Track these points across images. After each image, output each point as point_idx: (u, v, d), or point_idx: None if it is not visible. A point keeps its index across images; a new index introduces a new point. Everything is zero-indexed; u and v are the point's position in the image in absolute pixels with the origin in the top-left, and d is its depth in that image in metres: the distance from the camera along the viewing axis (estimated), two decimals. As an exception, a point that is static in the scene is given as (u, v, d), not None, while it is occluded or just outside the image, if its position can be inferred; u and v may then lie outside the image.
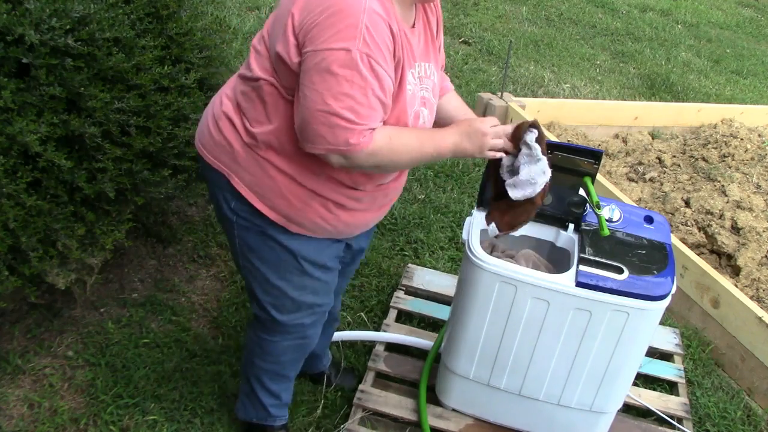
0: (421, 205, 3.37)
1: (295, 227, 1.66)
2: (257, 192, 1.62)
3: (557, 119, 4.26)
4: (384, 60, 1.43)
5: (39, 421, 2.10)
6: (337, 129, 1.42)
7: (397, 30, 1.47)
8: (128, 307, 2.52)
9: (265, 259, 1.72)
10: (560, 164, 1.89)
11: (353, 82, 1.40)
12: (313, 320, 1.89)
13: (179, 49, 2.24)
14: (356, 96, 1.41)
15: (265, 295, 1.79)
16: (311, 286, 1.79)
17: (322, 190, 1.61)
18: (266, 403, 2.04)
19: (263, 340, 1.90)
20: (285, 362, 1.97)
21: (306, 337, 1.92)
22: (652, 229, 2.02)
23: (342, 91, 1.40)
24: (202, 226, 2.96)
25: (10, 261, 1.88)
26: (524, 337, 1.97)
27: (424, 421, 2.20)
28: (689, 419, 2.43)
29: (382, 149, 1.49)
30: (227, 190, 1.65)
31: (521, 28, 6.08)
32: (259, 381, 2.00)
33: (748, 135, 4.26)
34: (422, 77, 1.63)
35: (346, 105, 1.40)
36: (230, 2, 5.21)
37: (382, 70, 1.43)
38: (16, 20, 1.74)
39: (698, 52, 6.39)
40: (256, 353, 1.94)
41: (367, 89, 1.41)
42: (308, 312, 1.85)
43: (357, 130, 1.43)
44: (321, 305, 1.87)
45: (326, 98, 1.40)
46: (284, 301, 1.79)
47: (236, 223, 1.69)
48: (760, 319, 2.61)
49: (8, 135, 1.76)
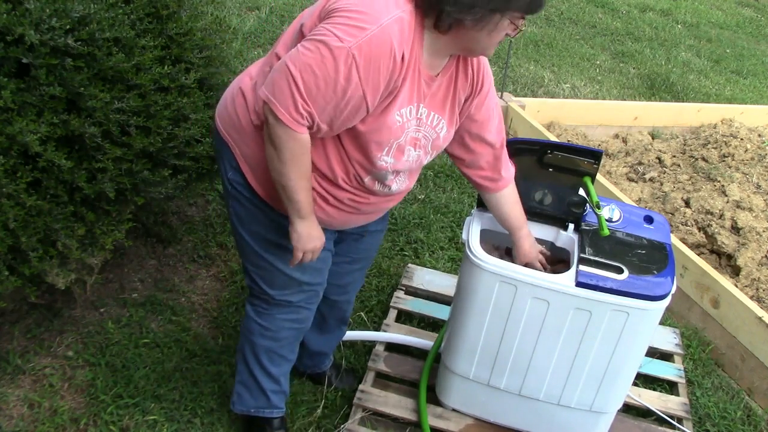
0: (421, 205, 3.38)
1: (280, 207, 1.70)
2: (252, 166, 1.70)
3: (557, 119, 4.26)
4: (368, 76, 1.46)
5: (39, 421, 2.10)
6: (288, 93, 1.46)
7: (408, 60, 1.50)
8: (128, 307, 2.52)
9: (253, 232, 1.79)
10: (560, 164, 1.89)
11: (327, 71, 1.44)
12: (301, 298, 1.91)
13: (179, 49, 2.24)
14: (320, 83, 1.45)
15: (255, 268, 1.86)
16: None
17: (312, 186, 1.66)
18: (266, 389, 2.04)
19: (260, 313, 1.94)
20: (282, 339, 1.98)
21: (299, 314, 1.95)
22: (652, 229, 2.03)
23: (314, 69, 1.44)
24: (202, 226, 2.96)
25: (10, 261, 1.88)
26: (524, 337, 1.97)
27: (424, 422, 2.20)
28: (689, 419, 2.43)
29: (295, 148, 1.53)
30: (228, 160, 1.74)
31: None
32: (259, 363, 2.01)
33: (748, 135, 4.26)
34: (422, 121, 1.64)
35: (309, 82, 1.45)
36: (230, 2, 5.21)
37: (357, 82, 1.45)
38: (16, 20, 1.74)
39: (698, 52, 6.39)
40: (255, 330, 1.96)
41: (334, 85, 1.45)
42: (297, 289, 1.88)
43: (300, 110, 1.47)
44: (310, 284, 1.89)
45: (302, 66, 1.45)
46: (273, 275, 1.84)
47: (230, 192, 1.76)
48: (760, 319, 2.61)
49: (8, 135, 1.76)
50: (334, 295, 2.11)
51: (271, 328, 1.95)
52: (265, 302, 1.92)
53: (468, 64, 1.68)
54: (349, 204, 1.73)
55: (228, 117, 1.73)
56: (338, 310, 2.18)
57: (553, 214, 2.03)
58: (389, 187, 1.73)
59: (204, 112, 2.26)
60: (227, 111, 1.73)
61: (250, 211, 1.75)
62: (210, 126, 2.29)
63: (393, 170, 1.67)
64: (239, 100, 1.70)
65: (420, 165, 1.75)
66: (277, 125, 1.50)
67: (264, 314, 1.94)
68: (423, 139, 1.68)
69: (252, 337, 1.98)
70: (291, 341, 2.02)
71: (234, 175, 1.73)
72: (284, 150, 1.53)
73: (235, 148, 1.71)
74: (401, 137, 1.61)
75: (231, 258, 2.84)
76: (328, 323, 2.21)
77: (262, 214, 1.75)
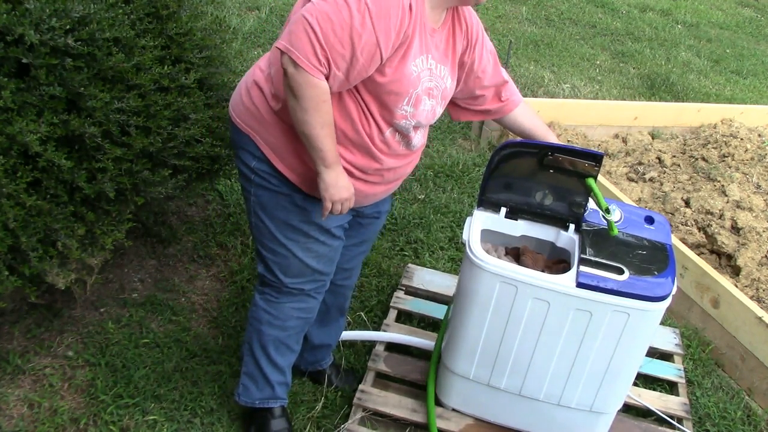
0: (421, 205, 3.37)
1: (308, 188, 1.79)
2: (278, 153, 1.77)
3: (557, 119, 4.26)
4: (380, 23, 1.53)
5: (39, 421, 2.10)
6: (305, 41, 1.53)
7: (415, 11, 1.59)
8: (128, 307, 2.52)
9: (275, 217, 1.85)
10: (561, 166, 1.89)
11: (342, 17, 1.51)
12: (313, 287, 1.97)
13: (179, 49, 2.24)
14: (336, 29, 1.52)
15: (272, 255, 1.90)
16: (315, 249, 1.89)
17: None
18: (273, 380, 2.07)
19: (270, 301, 1.99)
20: (290, 329, 2.02)
21: (307, 303, 2.00)
22: (652, 230, 2.02)
23: (330, 16, 1.51)
24: (202, 226, 2.96)
25: (10, 261, 1.88)
26: (524, 337, 1.97)
27: (432, 423, 2.20)
28: (689, 419, 2.43)
29: (315, 94, 1.58)
30: (251, 150, 1.80)
31: (521, 28, 6.08)
32: (266, 353, 2.04)
33: (748, 135, 4.26)
34: (432, 71, 1.72)
35: (326, 29, 1.52)
36: (230, 2, 5.21)
37: (371, 28, 1.53)
38: (16, 20, 1.74)
39: (698, 52, 6.39)
40: (263, 319, 2.00)
41: (350, 31, 1.52)
42: (310, 278, 1.94)
43: (318, 56, 1.53)
44: (322, 273, 1.96)
45: (319, 15, 1.52)
46: (289, 261, 1.89)
47: (254, 181, 1.83)
48: (760, 319, 2.61)
49: (8, 135, 1.76)
50: (340, 280, 2.16)
51: (279, 316, 1.99)
52: (275, 290, 1.97)
53: (461, 18, 1.79)
54: (373, 174, 1.81)
55: (245, 109, 1.80)
56: (341, 296, 2.23)
57: (554, 214, 2.03)
58: (410, 141, 1.81)
59: (204, 112, 2.26)
60: (243, 104, 1.81)
61: (276, 197, 1.82)
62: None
63: (414, 120, 1.75)
64: (255, 91, 1.78)
65: (434, 117, 1.82)
66: (297, 73, 1.55)
67: (273, 303, 1.98)
68: (435, 90, 1.76)
69: (261, 327, 2.01)
70: (297, 331, 2.05)
71: (259, 164, 1.80)
72: (305, 98, 1.58)
73: (257, 139, 1.78)
74: (418, 87, 1.69)
75: (231, 258, 2.84)
76: (330, 313, 2.24)
77: (287, 200, 1.81)
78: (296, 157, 1.75)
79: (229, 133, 1.91)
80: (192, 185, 2.48)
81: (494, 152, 1.96)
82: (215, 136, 2.31)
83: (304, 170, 1.76)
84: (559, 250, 2.06)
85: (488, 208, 2.08)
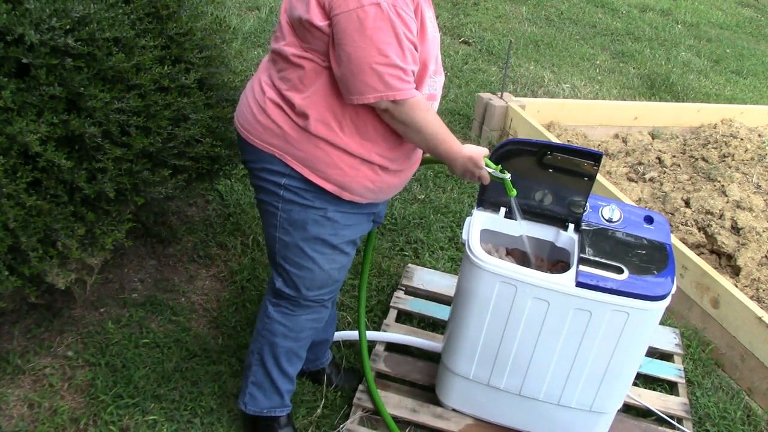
0: (421, 205, 3.38)
1: (348, 194, 1.79)
2: (311, 167, 1.75)
3: (557, 119, 4.26)
4: (406, 5, 1.58)
5: (39, 421, 2.10)
6: (386, 76, 1.58)
7: None
8: (128, 307, 2.52)
9: (305, 232, 1.83)
10: (560, 165, 1.89)
11: (389, 32, 1.54)
12: (330, 297, 2.00)
13: (179, 49, 2.24)
14: (393, 44, 1.56)
15: (297, 269, 1.89)
16: (339, 260, 1.91)
17: (368, 156, 1.75)
18: (283, 389, 2.08)
19: (286, 314, 1.98)
20: (302, 339, 2.03)
21: (320, 313, 2.02)
22: (652, 229, 2.03)
23: (382, 42, 1.54)
24: (202, 226, 2.96)
25: (10, 261, 1.88)
26: (524, 337, 1.97)
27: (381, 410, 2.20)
28: (689, 419, 2.43)
29: (420, 108, 1.66)
30: (277, 169, 1.78)
31: (521, 28, 6.08)
32: (278, 364, 2.04)
33: (748, 135, 4.26)
34: (433, 22, 1.76)
35: (389, 53, 1.56)
36: (230, 2, 5.22)
37: (407, 14, 1.57)
38: (16, 20, 1.74)
39: (698, 52, 6.39)
40: (278, 331, 2.00)
41: (401, 35, 1.56)
42: (331, 289, 1.97)
43: (405, 75, 1.59)
44: (339, 282, 1.99)
45: (370, 52, 1.55)
46: (315, 275, 1.89)
47: (283, 197, 1.81)
48: (760, 319, 2.61)
49: (8, 135, 1.76)
50: None
51: (294, 329, 1.99)
52: (292, 304, 1.96)
53: None
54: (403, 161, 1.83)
55: (264, 129, 1.77)
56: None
57: (553, 214, 2.03)
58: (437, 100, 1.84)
59: (204, 112, 2.26)
60: (261, 123, 1.77)
61: (307, 211, 1.81)
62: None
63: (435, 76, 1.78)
64: (273, 110, 1.75)
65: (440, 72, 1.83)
66: (400, 107, 1.63)
67: (289, 315, 1.98)
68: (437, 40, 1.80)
69: (274, 339, 2.00)
70: (308, 341, 2.07)
71: (290, 181, 1.77)
72: (416, 122, 1.67)
73: (284, 156, 1.75)
74: (435, 48, 1.75)
75: (231, 258, 2.84)
76: None
77: (319, 214, 1.81)
78: (332, 167, 1.74)
79: (241, 153, 1.89)
80: (192, 185, 2.49)
81: (493, 151, 1.96)
82: (215, 136, 2.31)
83: (340, 175, 1.75)
84: (558, 249, 2.06)
85: (488, 208, 2.08)
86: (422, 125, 1.68)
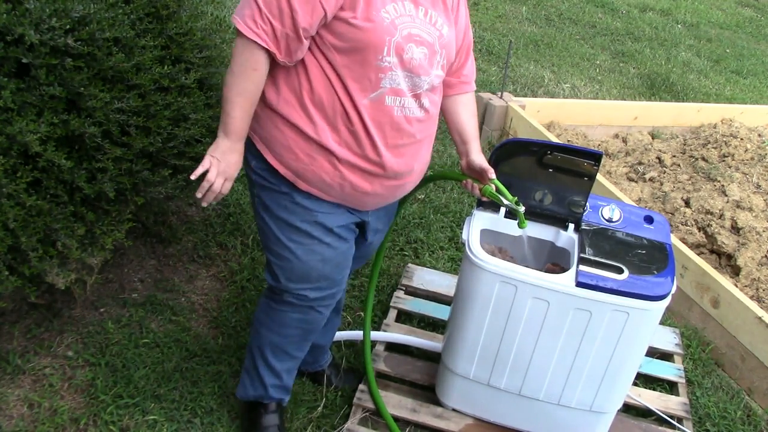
0: (421, 205, 3.38)
1: (304, 184, 1.76)
2: (270, 147, 1.76)
3: (557, 119, 4.26)
4: None
5: (39, 421, 2.10)
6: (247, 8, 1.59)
7: None
8: (128, 307, 2.52)
9: (278, 218, 1.82)
10: (560, 165, 1.89)
11: None
12: (318, 296, 1.91)
13: (179, 49, 2.24)
14: None
15: (277, 259, 1.87)
16: (320, 252, 1.84)
17: (324, 142, 1.70)
18: (266, 382, 2.06)
19: (271, 308, 1.97)
20: (288, 336, 2.00)
21: (308, 315, 1.95)
22: (652, 229, 2.03)
23: None
24: (202, 226, 2.96)
25: (10, 261, 1.88)
26: (524, 337, 1.97)
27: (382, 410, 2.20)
28: (689, 419, 2.43)
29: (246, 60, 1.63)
30: (250, 150, 1.80)
31: (521, 28, 6.08)
32: (262, 354, 2.03)
33: (748, 135, 4.26)
34: (415, 17, 1.67)
35: None
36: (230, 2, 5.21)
37: None
38: (16, 20, 1.74)
39: (698, 52, 6.39)
40: (263, 321, 2.00)
41: None
42: (316, 284, 1.89)
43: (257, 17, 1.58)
44: (328, 279, 1.90)
45: None
46: (293, 264, 1.85)
47: (255, 181, 1.83)
48: (760, 319, 2.61)
49: (8, 135, 1.76)
50: None
51: (278, 322, 1.98)
52: (277, 296, 1.95)
53: None
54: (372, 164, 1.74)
55: None
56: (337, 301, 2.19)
57: (553, 214, 2.03)
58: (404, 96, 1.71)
59: (204, 112, 2.26)
60: None
61: (277, 197, 1.81)
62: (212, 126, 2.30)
63: (402, 71, 1.67)
64: None
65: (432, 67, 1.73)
66: (238, 39, 1.62)
67: (275, 309, 1.97)
68: (426, 36, 1.69)
69: (260, 328, 2.02)
70: (297, 340, 2.02)
71: (257, 163, 1.80)
72: (236, 61, 1.63)
73: (253, 136, 1.78)
74: (396, 34, 1.64)
75: (231, 258, 2.84)
76: None
77: (287, 199, 1.79)
78: (285, 148, 1.73)
79: None
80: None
81: (493, 151, 1.96)
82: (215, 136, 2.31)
83: (294, 161, 1.73)
84: (558, 249, 2.06)
85: (488, 208, 2.08)
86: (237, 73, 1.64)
